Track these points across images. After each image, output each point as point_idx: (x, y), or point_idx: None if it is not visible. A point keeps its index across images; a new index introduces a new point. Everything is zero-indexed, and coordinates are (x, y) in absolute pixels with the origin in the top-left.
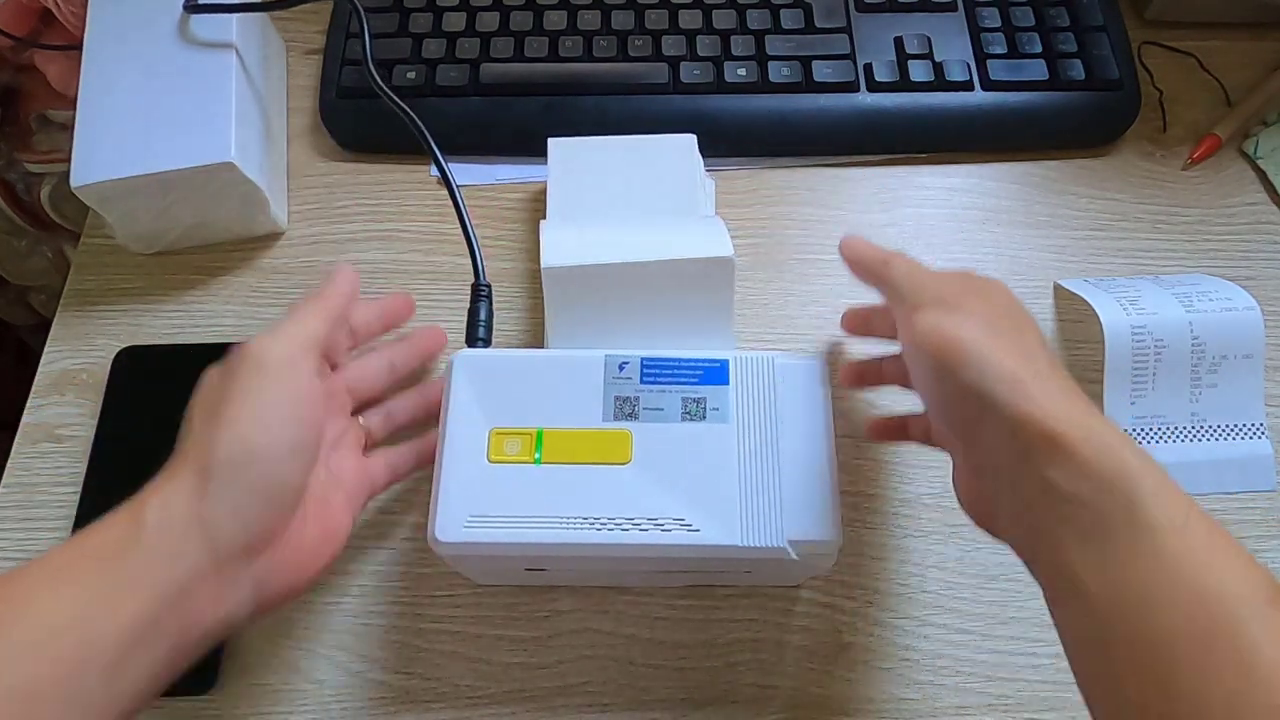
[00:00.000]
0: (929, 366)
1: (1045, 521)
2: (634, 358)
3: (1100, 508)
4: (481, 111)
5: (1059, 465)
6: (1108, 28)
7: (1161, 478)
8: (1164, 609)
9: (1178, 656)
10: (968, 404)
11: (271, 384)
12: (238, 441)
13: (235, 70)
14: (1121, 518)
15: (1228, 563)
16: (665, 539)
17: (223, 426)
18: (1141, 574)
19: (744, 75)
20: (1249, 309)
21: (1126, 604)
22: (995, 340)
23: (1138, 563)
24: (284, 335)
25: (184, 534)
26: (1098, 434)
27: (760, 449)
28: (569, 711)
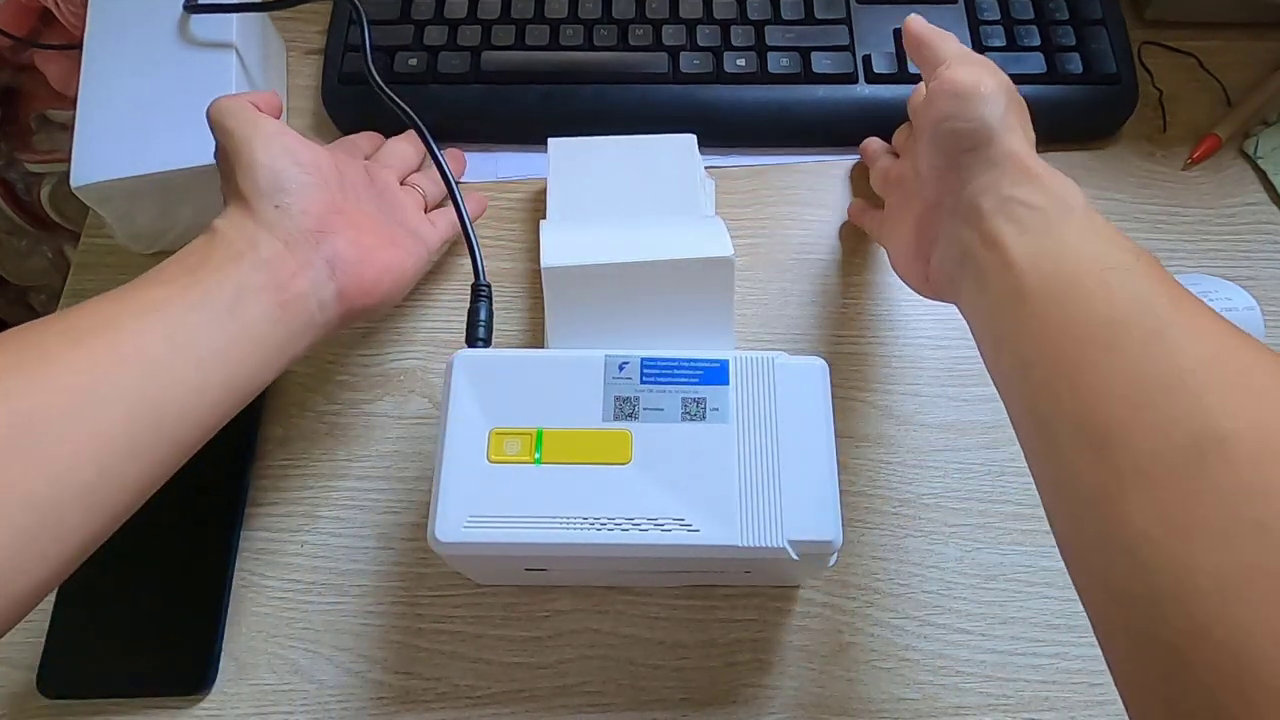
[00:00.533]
0: (957, 97)
1: (994, 224)
2: (634, 358)
3: (1046, 210)
4: (482, 99)
5: (1023, 185)
6: (1106, 22)
7: (1094, 210)
8: (1069, 257)
9: (1073, 289)
10: (973, 133)
11: (254, 135)
12: (249, 170)
13: (235, 70)
14: (1060, 217)
15: (1126, 244)
16: (665, 539)
17: (235, 174)
18: (1057, 241)
19: (743, 65)
20: (1249, 309)
21: (1042, 262)
22: (1011, 102)
23: (1057, 236)
24: (229, 104)
25: (251, 231)
26: (1060, 176)
27: (760, 449)
28: (569, 711)
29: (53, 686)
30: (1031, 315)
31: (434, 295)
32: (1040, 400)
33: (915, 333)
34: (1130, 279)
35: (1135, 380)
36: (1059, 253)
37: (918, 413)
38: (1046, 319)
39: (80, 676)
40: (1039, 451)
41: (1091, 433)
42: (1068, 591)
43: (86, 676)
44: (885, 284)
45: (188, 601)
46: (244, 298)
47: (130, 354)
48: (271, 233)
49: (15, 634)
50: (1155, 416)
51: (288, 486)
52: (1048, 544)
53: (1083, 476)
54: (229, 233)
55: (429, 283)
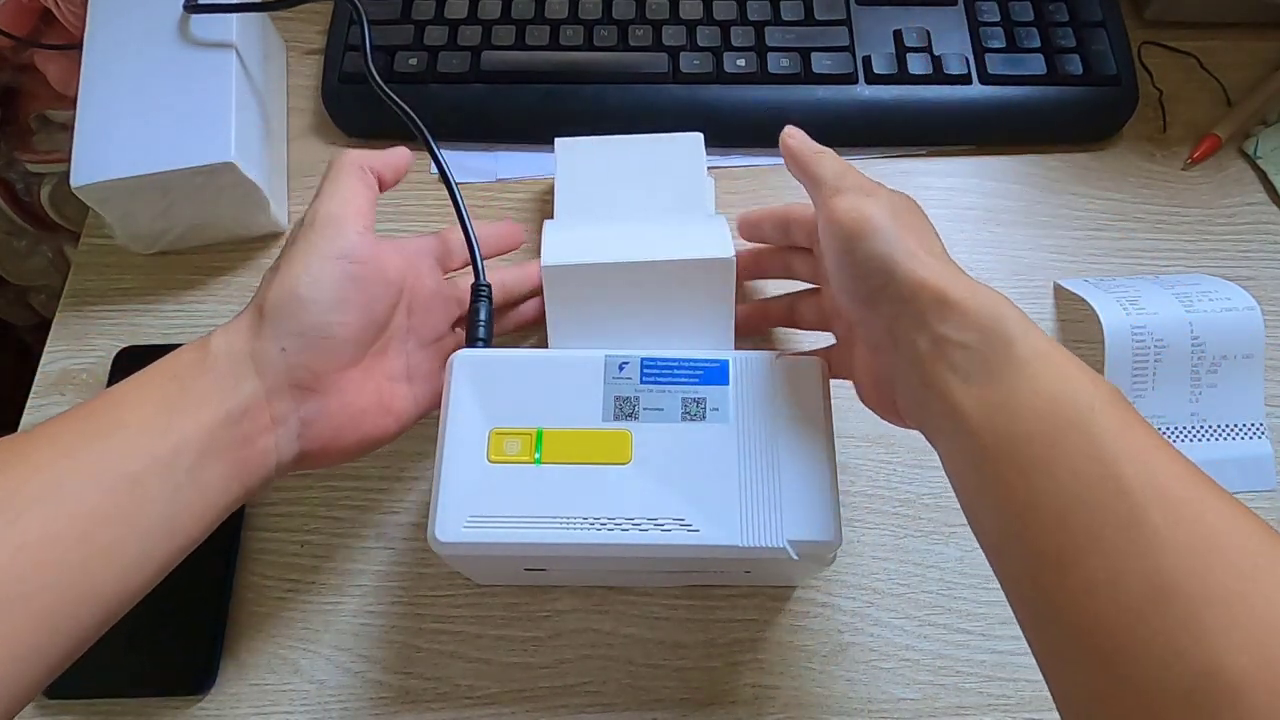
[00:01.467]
0: (842, 240)
1: (937, 371)
2: (634, 358)
3: (981, 350)
4: (482, 98)
5: (948, 320)
6: (1106, 24)
7: (1029, 323)
8: (1024, 414)
9: (1034, 452)
10: (873, 272)
11: (318, 239)
12: (288, 289)
13: (235, 70)
14: (998, 358)
15: (1079, 376)
16: (665, 539)
17: (278, 277)
18: (1007, 392)
19: (743, 66)
20: (1249, 309)
21: (995, 418)
22: (900, 223)
23: (1005, 384)
24: (331, 197)
25: (242, 363)
26: (981, 294)
27: (760, 449)
28: (569, 711)
29: (52, 686)
30: (997, 481)
31: None
32: (1026, 584)
33: None
34: (1090, 439)
35: (1123, 588)
36: (1009, 406)
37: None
38: (1012, 492)
39: (80, 677)
40: (1030, 627)
41: (1089, 643)
42: None
43: (86, 677)
44: None
45: (188, 601)
46: (206, 457)
47: (65, 532)
48: (260, 376)
49: None
50: (1152, 638)
51: (288, 486)
52: None
53: (1082, 680)
54: (219, 361)
55: None
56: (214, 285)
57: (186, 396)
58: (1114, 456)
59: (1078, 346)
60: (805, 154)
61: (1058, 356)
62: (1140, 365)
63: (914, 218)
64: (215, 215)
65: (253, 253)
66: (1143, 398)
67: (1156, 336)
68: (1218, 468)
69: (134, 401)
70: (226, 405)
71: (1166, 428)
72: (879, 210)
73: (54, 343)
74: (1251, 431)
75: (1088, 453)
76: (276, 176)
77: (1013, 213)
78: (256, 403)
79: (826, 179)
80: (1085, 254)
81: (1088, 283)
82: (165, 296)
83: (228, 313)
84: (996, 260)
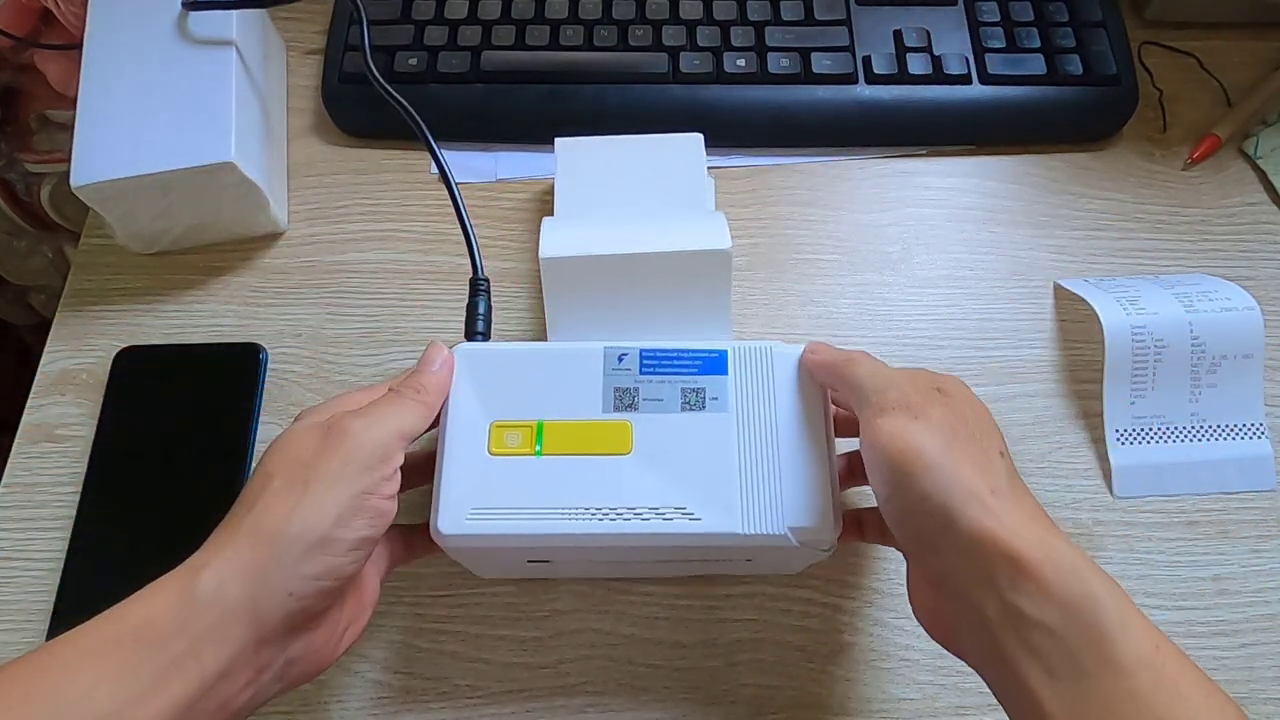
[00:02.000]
0: (889, 472)
1: (1011, 648)
2: (633, 349)
3: (1068, 639)
4: (482, 98)
5: (1023, 590)
6: (1106, 24)
7: (1127, 604)
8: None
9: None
10: (927, 515)
11: (360, 475)
12: (311, 525)
13: (235, 69)
14: (1091, 654)
15: (1198, 699)
16: (667, 528)
17: (301, 504)
18: (1103, 707)
19: (743, 66)
20: (1249, 309)
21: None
22: (956, 451)
23: (1101, 694)
24: (383, 424)
25: (234, 614)
26: (1060, 554)
27: (759, 437)
28: (569, 712)
29: None
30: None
31: (432, 295)
32: None
33: (915, 333)
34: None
35: None
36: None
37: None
38: None
39: None
40: None
41: None
42: None
43: None
44: (885, 284)
45: None
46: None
47: None
48: (254, 624)
49: (15, 635)
50: None
51: None
52: None
53: None
54: (207, 613)
55: (428, 283)
56: (214, 285)
57: (152, 666)
58: None
59: (1078, 346)
60: (836, 364)
61: (1170, 668)
62: (1140, 366)
63: (972, 436)
64: (215, 215)
65: (253, 253)
66: (1142, 398)
67: (1156, 337)
68: (1217, 468)
69: (83, 682)
70: (205, 673)
71: (1166, 428)
72: (930, 439)
73: (54, 343)
74: (1251, 432)
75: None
76: (276, 176)
77: (1013, 213)
78: (243, 659)
79: (866, 392)
80: (1085, 254)
81: (1088, 283)
82: (165, 296)
83: (228, 312)
84: (996, 260)
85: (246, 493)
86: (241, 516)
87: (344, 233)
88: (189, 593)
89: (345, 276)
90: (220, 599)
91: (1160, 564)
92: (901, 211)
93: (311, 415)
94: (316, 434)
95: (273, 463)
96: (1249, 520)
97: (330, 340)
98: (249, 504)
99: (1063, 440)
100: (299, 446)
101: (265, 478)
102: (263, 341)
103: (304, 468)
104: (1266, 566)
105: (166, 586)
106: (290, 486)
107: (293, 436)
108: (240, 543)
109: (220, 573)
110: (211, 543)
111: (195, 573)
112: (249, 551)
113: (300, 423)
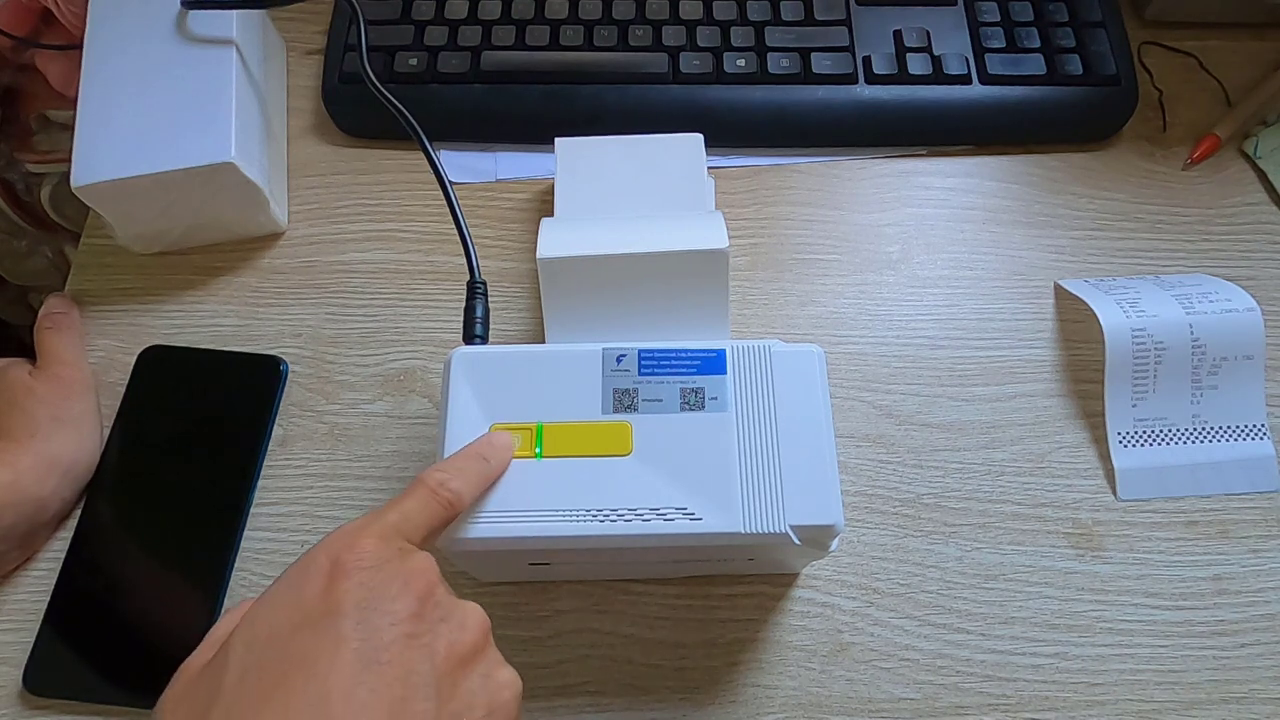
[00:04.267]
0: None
1: None
2: (631, 350)
3: None
4: (482, 99)
5: None
6: (1106, 24)
7: None
8: None
9: None
10: None
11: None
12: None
13: (236, 70)
14: None
15: None
16: (668, 528)
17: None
18: None
19: (743, 66)
20: (1249, 310)
21: None
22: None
23: None
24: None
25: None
26: None
27: (760, 436)
28: (569, 712)
29: (48, 686)
30: None
31: (433, 295)
32: None
33: (915, 333)
34: None
35: None
36: None
37: (918, 413)
38: None
39: (75, 679)
40: None
41: None
42: (1068, 591)
43: (81, 679)
44: (885, 284)
45: (186, 602)
46: None
47: None
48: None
49: (15, 635)
50: None
51: (288, 486)
52: (1047, 544)
53: None
54: None
55: (427, 283)
56: (214, 285)
57: None
58: None
59: (1078, 347)
60: None
61: None
62: (1141, 368)
63: None
64: (215, 215)
65: (253, 253)
66: (1144, 400)
67: (1156, 339)
68: (1221, 469)
69: None
70: None
71: (1168, 430)
72: None
73: None
74: (1253, 433)
75: None
76: (276, 176)
77: (1013, 213)
78: None
79: None
80: (1085, 254)
81: (1088, 284)
82: (165, 296)
83: (228, 312)
84: (996, 260)
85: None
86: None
87: (344, 233)
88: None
89: (345, 276)
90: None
91: (1160, 564)
92: (901, 211)
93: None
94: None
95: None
96: (1249, 520)
97: (330, 340)
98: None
99: (1063, 440)
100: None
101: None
102: (263, 341)
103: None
104: (1266, 566)
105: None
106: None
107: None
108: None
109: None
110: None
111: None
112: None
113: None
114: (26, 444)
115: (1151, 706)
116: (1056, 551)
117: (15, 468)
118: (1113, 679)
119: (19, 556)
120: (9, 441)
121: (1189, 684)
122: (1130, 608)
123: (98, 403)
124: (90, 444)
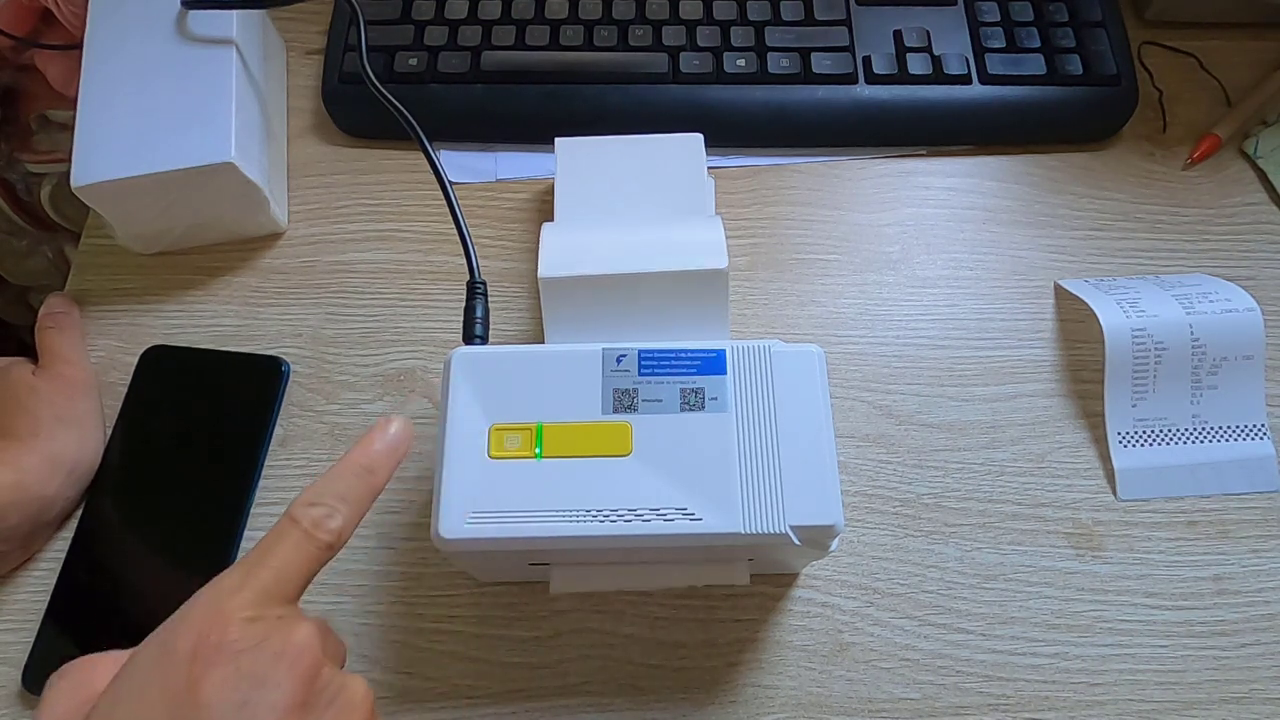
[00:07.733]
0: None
1: None
2: (631, 350)
3: None
4: (482, 99)
5: None
6: (1106, 24)
7: None
8: None
9: None
10: None
11: None
12: None
13: (236, 70)
14: None
15: None
16: (668, 529)
17: None
18: None
19: (743, 66)
20: (1249, 310)
21: None
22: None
23: None
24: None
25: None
26: None
27: (760, 436)
28: (569, 711)
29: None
30: None
31: (432, 295)
32: None
33: (915, 333)
34: None
35: None
36: None
37: (918, 413)
38: None
39: None
40: None
41: None
42: (1068, 591)
43: None
44: (885, 284)
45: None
46: None
47: None
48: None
49: (15, 635)
50: None
51: (288, 486)
52: (1048, 544)
53: None
54: None
55: (427, 283)
56: (214, 285)
57: None
58: None
59: (1078, 347)
60: None
61: None
62: (1141, 368)
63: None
64: (215, 215)
65: (253, 253)
66: (1144, 400)
67: (1156, 339)
68: (1221, 469)
69: None
70: None
71: (1168, 430)
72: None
73: None
74: (1253, 433)
75: None
76: (276, 176)
77: (1013, 213)
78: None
79: None
80: (1085, 254)
81: (1088, 284)
82: (165, 296)
83: (228, 312)
84: (996, 260)
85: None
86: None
87: (344, 233)
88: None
89: (345, 276)
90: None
91: (1160, 564)
92: (901, 211)
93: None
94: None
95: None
96: (1249, 520)
97: (330, 340)
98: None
99: (1063, 440)
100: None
101: None
102: (263, 341)
103: None
104: (1266, 566)
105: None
106: None
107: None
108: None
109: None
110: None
111: None
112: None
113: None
114: (31, 444)
115: (1151, 706)
116: (1056, 551)
117: (20, 467)
118: (1112, 679)
119: (20, 556)
120: (13, 441)
121: (1189, 684)
122: (1130, 608)
123: (100, 402)
124: (93, 443)
